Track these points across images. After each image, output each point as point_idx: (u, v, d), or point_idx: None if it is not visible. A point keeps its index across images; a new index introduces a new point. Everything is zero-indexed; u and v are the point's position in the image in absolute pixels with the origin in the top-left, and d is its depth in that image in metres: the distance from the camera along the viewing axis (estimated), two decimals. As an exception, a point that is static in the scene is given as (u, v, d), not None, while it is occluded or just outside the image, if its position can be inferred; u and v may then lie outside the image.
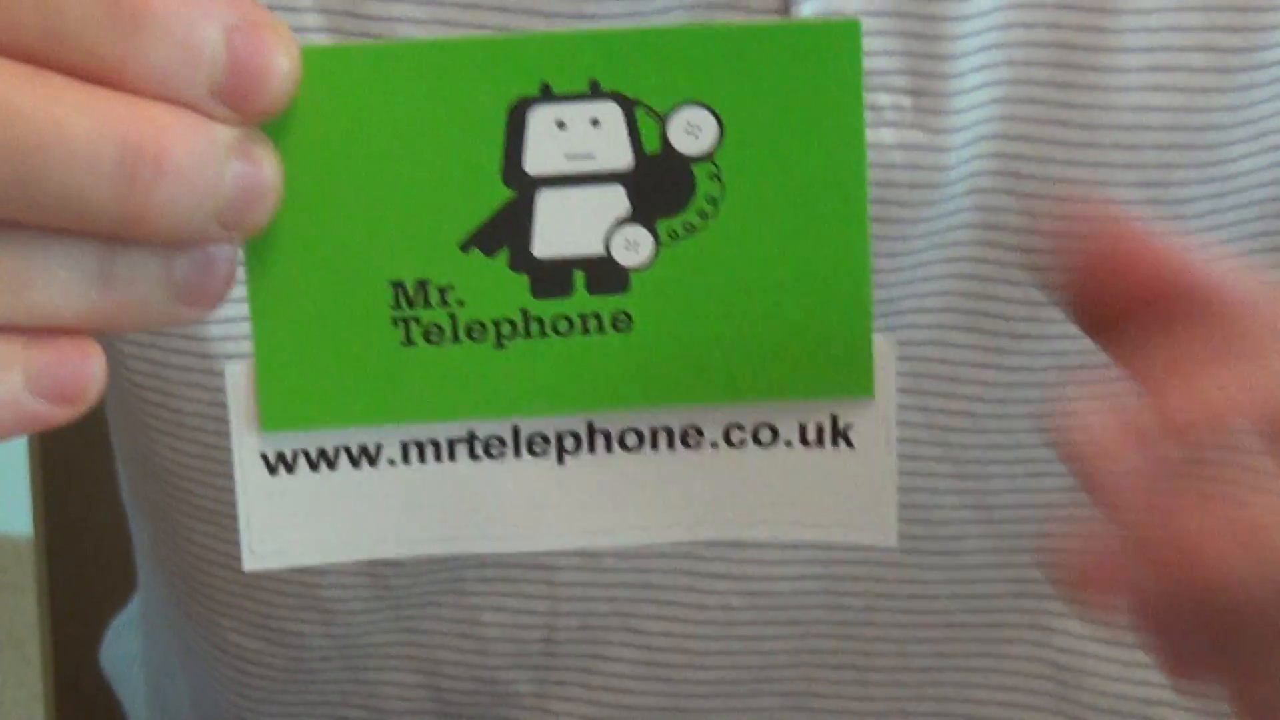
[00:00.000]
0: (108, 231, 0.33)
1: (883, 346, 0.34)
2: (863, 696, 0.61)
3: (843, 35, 0.32)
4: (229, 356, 0.56)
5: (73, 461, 0.90)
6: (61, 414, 0.34)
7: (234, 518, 0.45)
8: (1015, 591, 0.59)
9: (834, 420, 0.35)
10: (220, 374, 0.56)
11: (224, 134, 0.32)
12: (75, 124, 0.32)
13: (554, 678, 0.62)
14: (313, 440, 0.35)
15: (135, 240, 0.33)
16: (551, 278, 0.34)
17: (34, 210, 0.33)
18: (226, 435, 0.51)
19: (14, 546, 1.24)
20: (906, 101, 0.54)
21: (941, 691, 0.61)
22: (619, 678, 0.61)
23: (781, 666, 0.60)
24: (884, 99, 0.54)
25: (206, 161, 0.32)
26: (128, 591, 0.82)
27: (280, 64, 0.32)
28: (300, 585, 0.61)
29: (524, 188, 0.33)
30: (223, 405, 0.52)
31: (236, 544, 0.38)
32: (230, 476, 0.45)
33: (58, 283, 0.34)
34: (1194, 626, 0.34)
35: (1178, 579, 0.33)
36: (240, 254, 0.34)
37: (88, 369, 0.34)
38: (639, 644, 0.61)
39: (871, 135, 0.51)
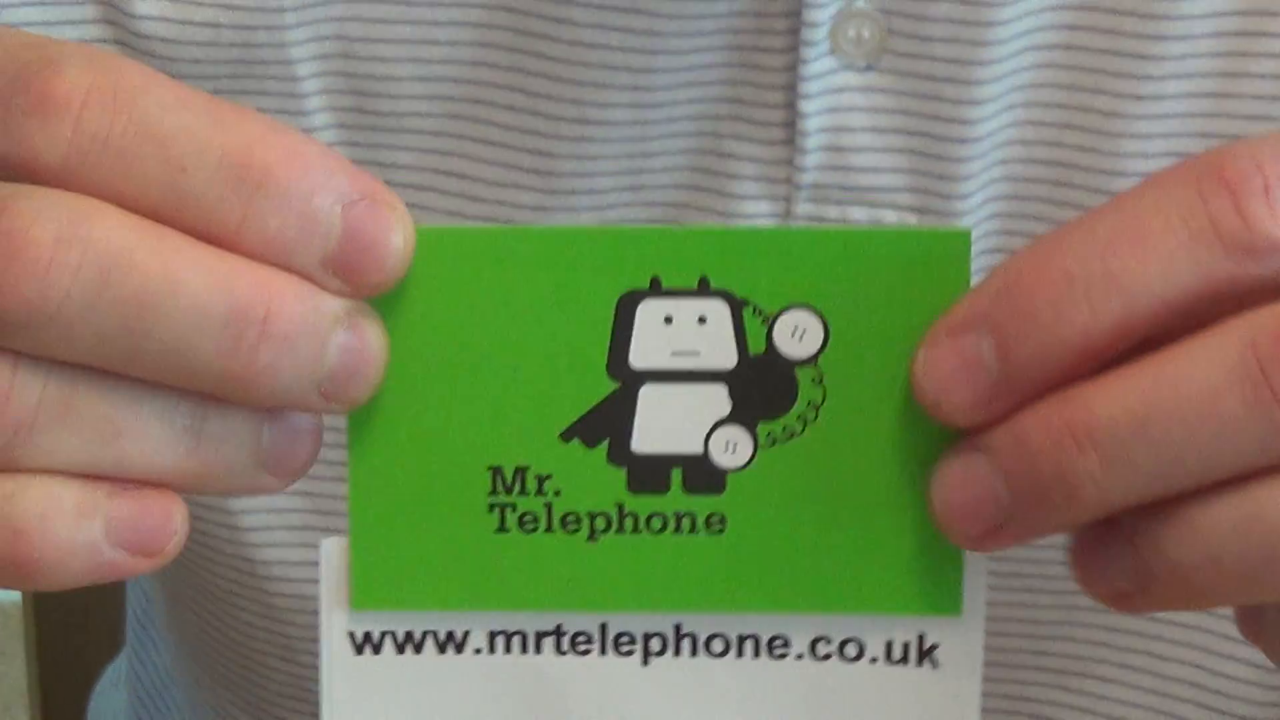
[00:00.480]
0: (209, 389, 0.34)
1: (974, 565, 0.34)
2: None
3: (954, 244, 0.33)
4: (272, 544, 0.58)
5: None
6: (139, 565, 0.34)
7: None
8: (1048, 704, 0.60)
9: (921, 639, 0.35)
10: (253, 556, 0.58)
11: (332, 304, 0.33)
12: (189, 280, 0.32)
13: None
14: (401, 622, 0.35)
15: (233, 402, 0.34)
16: (649, 474, 0.34)
17: (139, 361, 0.33)
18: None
19: (2, 612, 1.25)
20: (912, 219, 0.54)
21: None
22: None
23: None
24: (890, 216, 0.55)
25: (313, 329, 0.33)
26: (113, 652, 0.85)
27: (394, 241, 0.33)
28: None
29: (628, 381, 0.33)
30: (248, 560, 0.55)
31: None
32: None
33: (150, 436, 0.34)
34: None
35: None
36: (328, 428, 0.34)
37: (170, 525, 0.34)
38: None
39: None
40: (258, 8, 0.55)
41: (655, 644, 0.35)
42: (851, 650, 0.35)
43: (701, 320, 0.33)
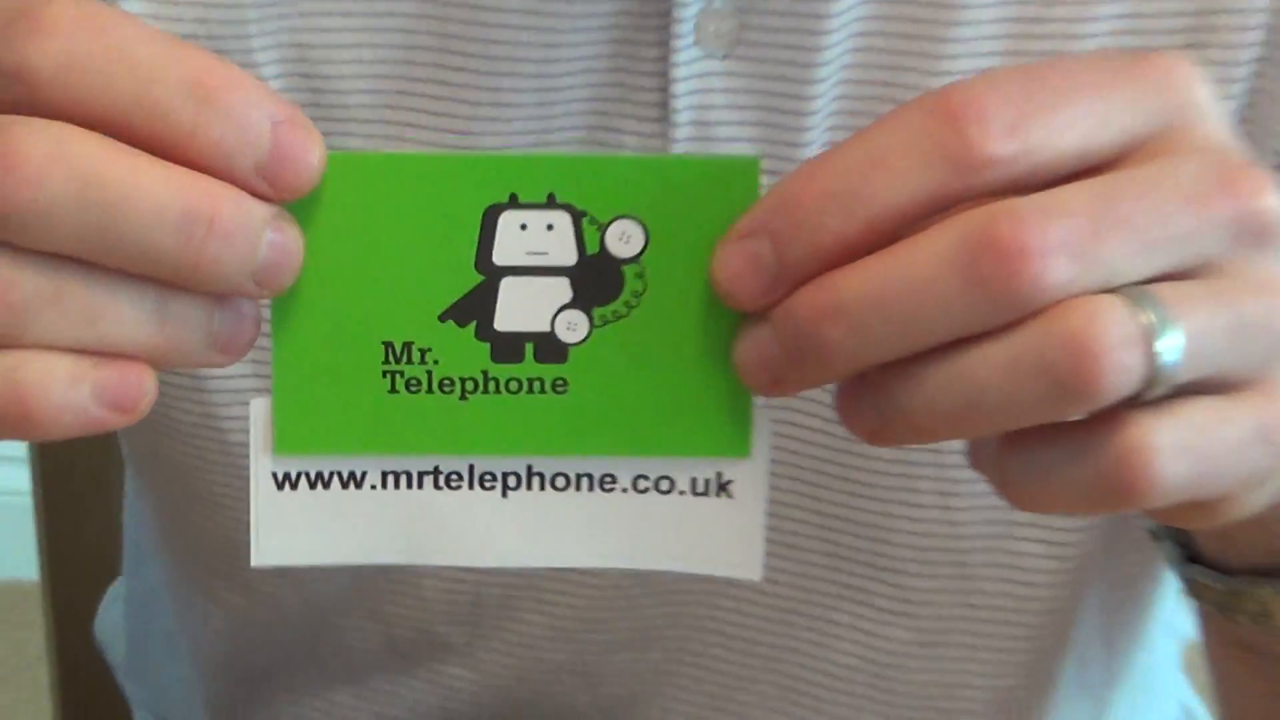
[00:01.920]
0: (167, 277, 0.38)
1: (761, 417, 0.39)
2: (724, 659, 0.65)
3: (745, 168, 0.37)
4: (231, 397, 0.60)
5: (73, 512, 0.96)
6: (119, 420, 0.38)
7: (232, 509, 0.49)
8: (841, 592, 0.64)
9: (719, 475, 0.40)
10: (217, 414, 0.60)
11: (262, 209, 0.37)
12: (150, 189, 0.36)
13: (480, 634, 0.66)
14: (313, 464, 0.40)
15: (187, 289, 0.38)
16: (508, 347, 0.39)
17: (111, 254, 0.37)
18: (223, 452, 0.55)
19: (22, 589, 1.27)
20: (764, 179, 0.55)
21: (782, 668, 0.64)
22: (532, 637, 0.65)
23: (662, 628, 0.64)
24: None
25: (248, 229, 0.37)
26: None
27: (311, 155, 0.37)
28: None
29: (491, 275, 0.38)
30: (217, 429, 0.58)
31: (234, 529, 0.42)
32: (233, 480, 0.50)
33: (124, 318, 0.38)
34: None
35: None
36: (266, 312, 0.39)
37: (143, 387, 0.39)
38: (547, 611, 0.65)
39: None
40: (226, 20, 0.57)
41: (512, 481, 0.40)
42: (665, 485, 0.40)
43: (549, 227, 0.38)
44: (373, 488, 0.40)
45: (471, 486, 0.41)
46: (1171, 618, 0.74)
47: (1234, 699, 0.60)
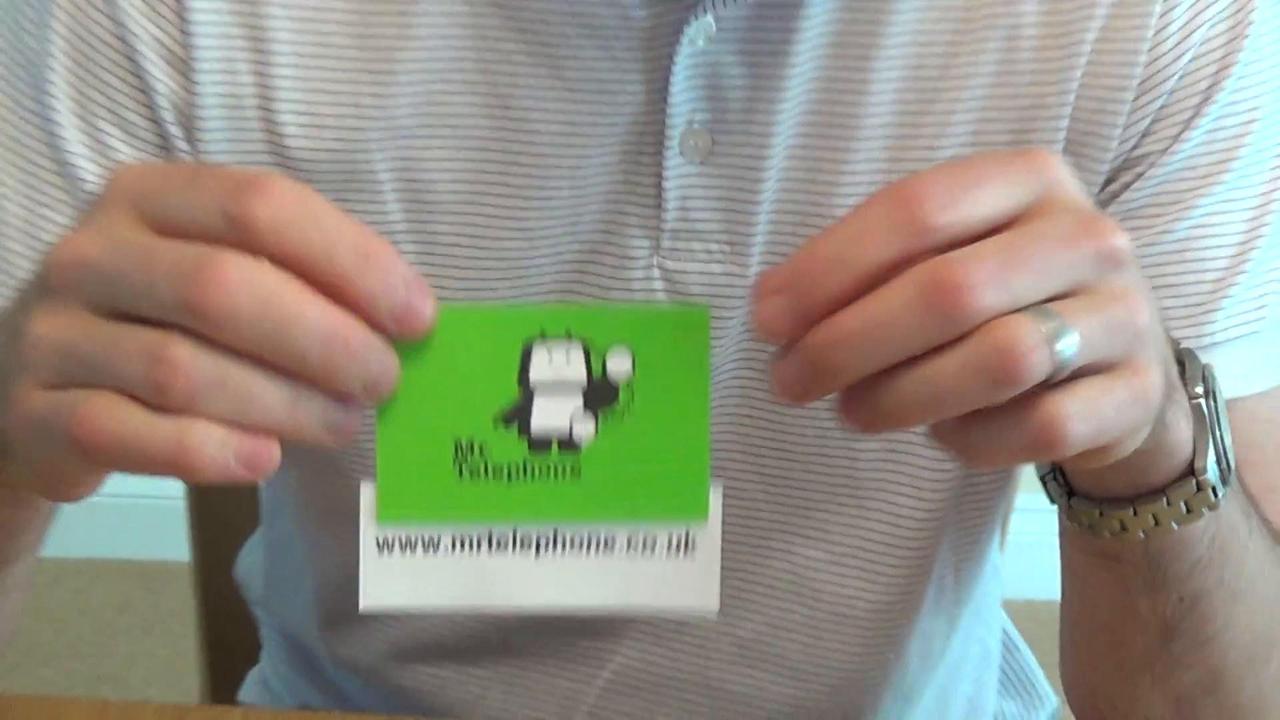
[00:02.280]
0: (306, 377, 0.44)
1: (715, 491, 0.48)
2: None
3: (699, 316, 0.47)
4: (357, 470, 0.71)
5: (220, 504, 1.09)
6: (249, 478, 0.45)
7: (351, 477, 0.61)
8: (772, 523, 0.77)
9: (686, 534, 0.49)
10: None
11: (379, 340, 0.44)
12: (310, 314, 0.43)
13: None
14: (404, 531, 0.47)
15: (317, 388, 0.45)
16: (540, 442, 0.47)
17: (272, 355, 0.44)
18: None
19: (176, 570, 1.31)
20: (726, 248, 0.73)
21: (727, 585, 0.73)
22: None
23: None
24: (714, 248, 0.73)
25: (369, 352, 0.45)
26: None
27: (429, 310, 0.45)
28: None
29: (528, 390, 0.47)
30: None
31: (351, 491, 0.49)
32: (354, 458, 0.63)
33: (268, 403, 0.45)
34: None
35: None
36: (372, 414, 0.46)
37: (272, 455, 0.45)
38: None
39: (704, 268, 0.73)
40: (356, 142, 0.70)
41: (543, 542, 0.48)
42: (649, 543, 0.48)
43: (567, 356, 0.46)
44: (446, 550, 0.48)
45: (514, 549, 0.48)
46: (997, 566, 0.90)
47: (1089, 593, 0.71)
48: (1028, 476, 0.73)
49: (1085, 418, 0.48)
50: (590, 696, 0.85)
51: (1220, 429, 0.60)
